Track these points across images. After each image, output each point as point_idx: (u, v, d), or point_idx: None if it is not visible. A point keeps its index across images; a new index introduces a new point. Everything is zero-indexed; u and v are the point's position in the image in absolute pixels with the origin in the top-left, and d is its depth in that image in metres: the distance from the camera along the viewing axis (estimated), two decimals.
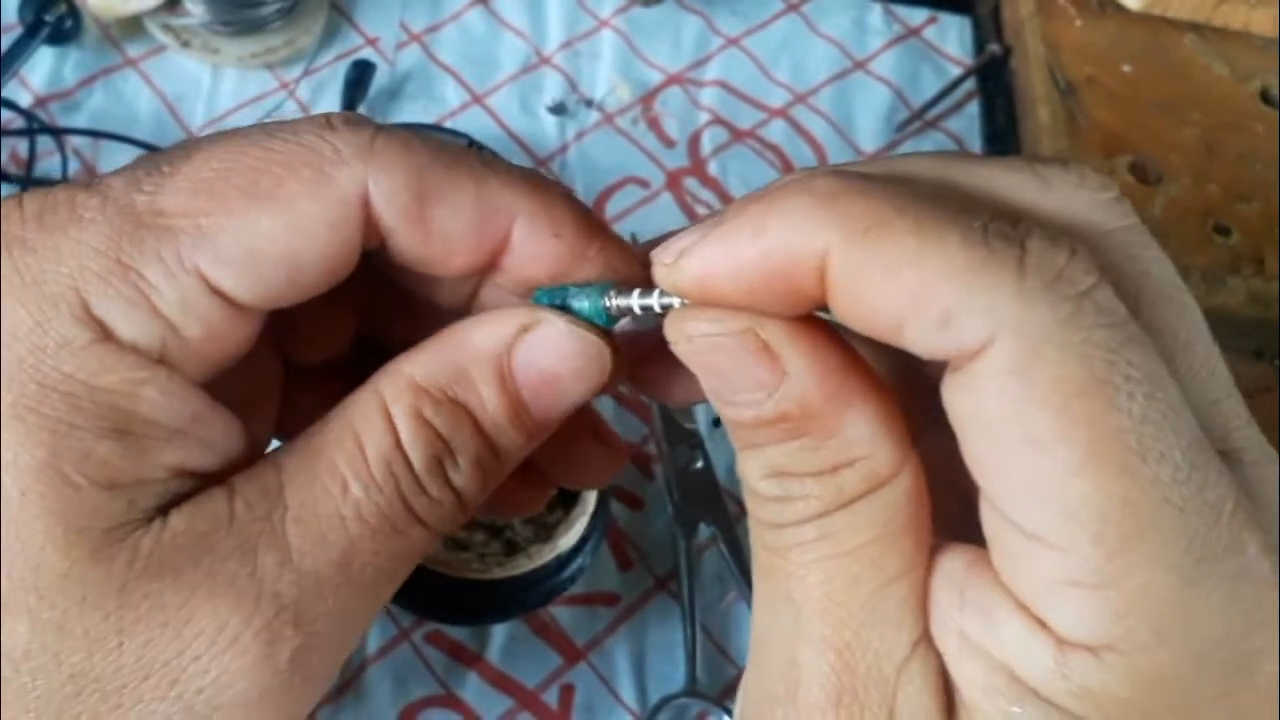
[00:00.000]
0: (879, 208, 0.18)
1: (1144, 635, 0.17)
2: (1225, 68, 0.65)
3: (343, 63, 0.60)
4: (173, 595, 0.21)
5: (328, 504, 0.22)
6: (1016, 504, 0.18)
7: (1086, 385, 0.17)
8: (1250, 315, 0.56)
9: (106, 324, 0.21)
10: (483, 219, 0.23)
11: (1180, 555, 0.17)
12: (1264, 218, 0.58)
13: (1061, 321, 0.17)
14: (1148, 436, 0.17)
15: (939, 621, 0.20)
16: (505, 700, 0.44)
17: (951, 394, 0.18)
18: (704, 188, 0.59)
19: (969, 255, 0.17)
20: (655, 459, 0.49)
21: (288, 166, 0.22)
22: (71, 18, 0.57)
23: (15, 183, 0.52)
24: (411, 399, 0.23)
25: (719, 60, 0.64)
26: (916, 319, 0.18)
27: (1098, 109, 0.61)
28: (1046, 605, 0.18)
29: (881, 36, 0.67)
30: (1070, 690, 0.18)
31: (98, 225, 0.21)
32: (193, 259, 0.21)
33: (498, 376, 0.24)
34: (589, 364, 0.24)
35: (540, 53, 0.63)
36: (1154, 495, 0.17)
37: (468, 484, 0.24)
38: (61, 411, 0.20)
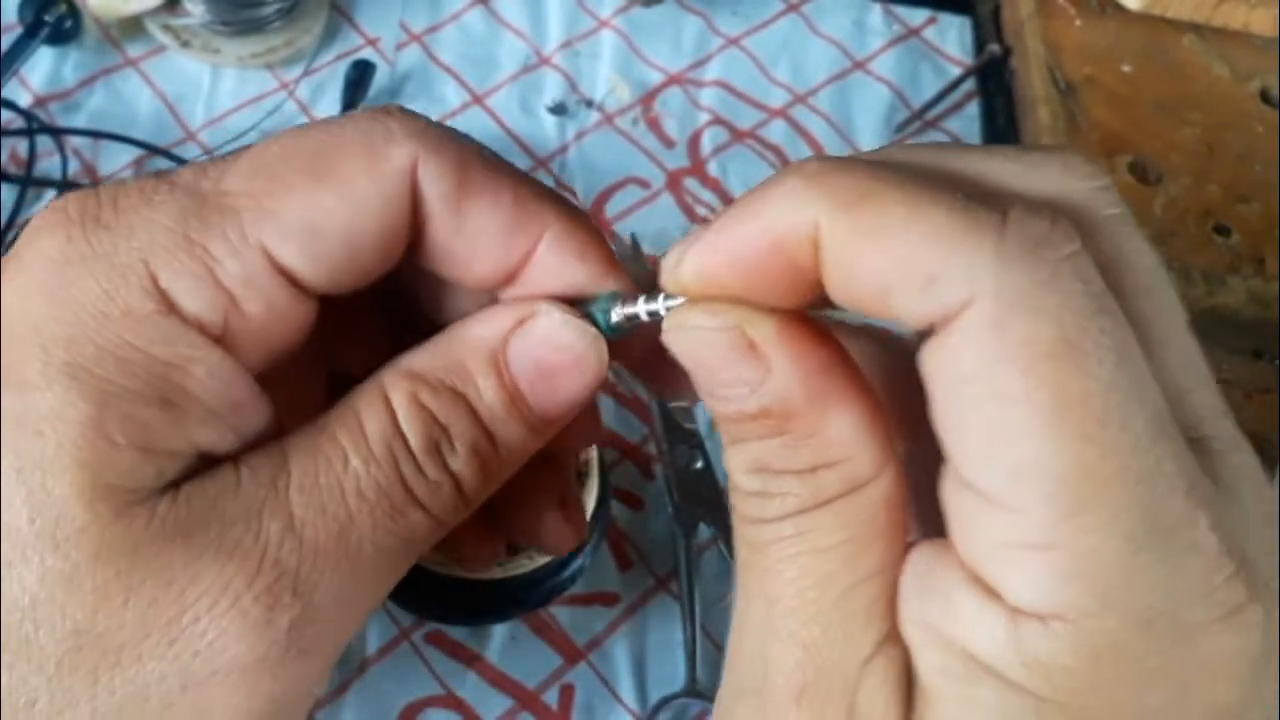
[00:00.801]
0: (865, 181, 0.19)
1: (1091, 601, 0.18)
2: (1225, 68, 0.65)
3: (343, 63, 0.60)
4: (181, 556, 0.21)
5: (328, 474, 0.23)
6: (976, 463, 0.18)
7: (1057, 347, 0.17)
8: (1250, 315, 0.56)
9: (172, 296, 0.22)
10: (516, 222, 0.24)
11: (1132, 523, 0.17)
12: (1264, 218, 0.58)
13: (1039, 284, 0.17)
14: (1112, 404, 0.17)
15: (905, 616, 0.20)
16: (505, 700, 0.44)
17: (928, 356, 0.19)
18: (704, 188, 0.59)
19: (951, 221, 0.18)
20: (655, 459, 0.50)
21: (344, 147, 0.23)
22: (71, 18, 0.57)
23: (15, 182, 0.53)
24: (408, 385, 0.24)
25: (719, 60, 0.64)
26: (902, 283, 0.18)
27: (1097, 109, 0.61)
28: (998, 570, 0.18)
29: (881, 37, 0.67)
30: (1022, 662, 0.18)
31: (167, 206, 0.22)
32: (256, 234, 0.22)
33: (493, 366, 0.24)
34: (585, 354, 0.24)
35: (540, 53, 0.63)
36: (1112, 462, 0.17)
37: (465, 470, 0.24)
38: (114, 374, 0.21)
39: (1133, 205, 0.21)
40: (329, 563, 0.22)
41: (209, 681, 0.21)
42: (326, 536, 0.22)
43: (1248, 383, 0.56)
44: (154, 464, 0.21)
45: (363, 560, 0.23)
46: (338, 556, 0.22)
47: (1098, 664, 0.18)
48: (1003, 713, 0.18)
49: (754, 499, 0.21)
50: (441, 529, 0.24)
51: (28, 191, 0.53)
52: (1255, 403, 0.55)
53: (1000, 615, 0.18)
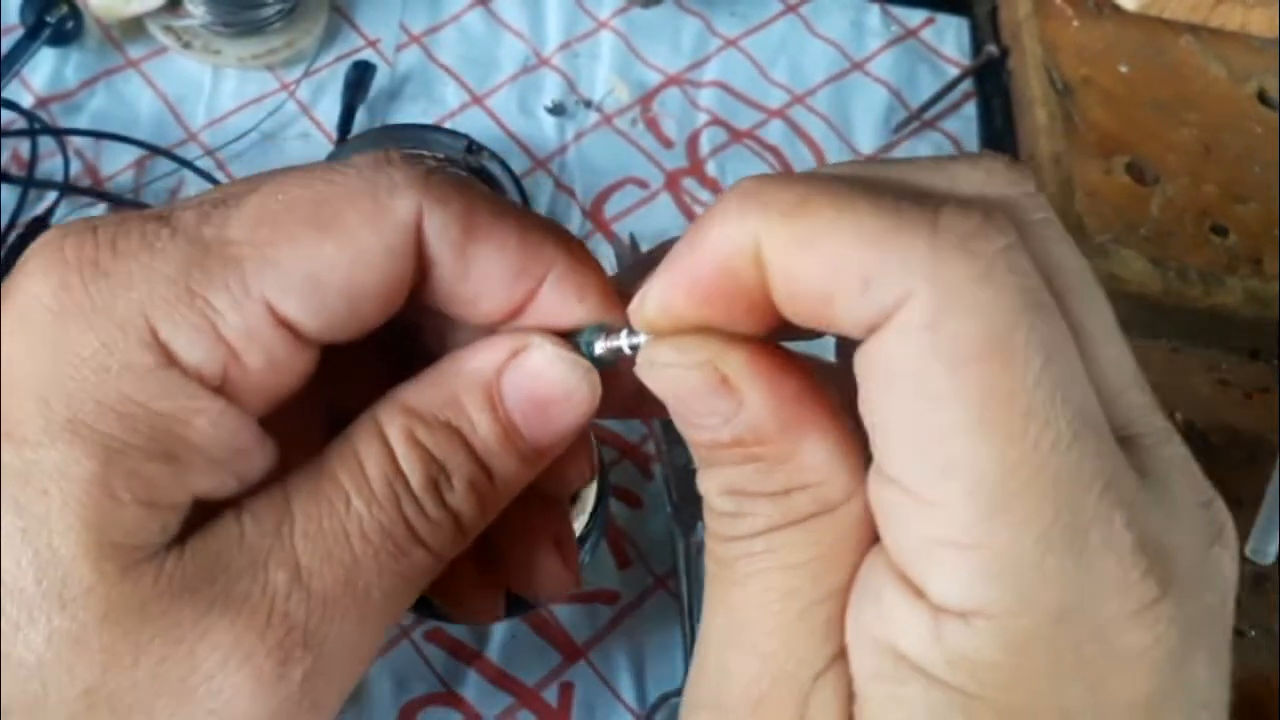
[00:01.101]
0: (799, 191, 0.19)
1: (1008, 598, 0.18)
2: (1222, 68, 0.65)
3: (343, 64, 0.60)
4: (190, 613, 0.21)
5: (332, 518, 0.23)
6: (901, 460, 0.19)
7: (986, 345, 0.17)
8: (1248, 315, 0.56)
9: (172, 349, 0.21)
10: (521, 265, 0.24)
11: (1047, 522, 0.18)
12: (1262, 218, 0.59)
13: (972, 279, 0.18)
14: (1037, 402, 0.18)
15: (848, 622, 0.20)
16: (505, 698, 0.44)
17: (860, 355, 0.19)
18: (703, 188, 0.59)
19: (884, 221, 0.18)
20: (654, 458, 0.50)
21: (348, 198, 0.23)
22: (73, 19, 0.58)
23: (17, 183, 0.53)
24: (404, 421, 0.24)
25: (717, 61, 0.65)
26: (840, 288, 0.18)
27: (1095, 109, 0.61)
28: (921, 567, 0.19)
29: (879, 37, 0.67)
30: (946, 658, 0.18)
31: (168, 254, 0.22)
32: (258, 287, 0.22)
33: (487, 400, 0.24)
34: (578, 387, 0.25)
35: (539, 54, 0.63)
36: (1032, 461, 0.17)
37: (464, 506, 0.24)
38: (117, 430, 0.21)
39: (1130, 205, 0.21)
40: (337, 611, 0.22)
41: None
42: (334, 584, 0.22)
43: (1246, 382, 0.56)
44: (159, 519, 0.21)
45: (370, 605, 0.23)
46: (345, 604, 0.22)
47: (1017, 659, 0.18)
48: (929, 710, 0.19)
49: (726, 518, 0.21)
50: (441, 565, 0.24)
51: (29, 192, 0.53)
52: (1254, 402, 0.55)
53: (925, 613, 0.19)
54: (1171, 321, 0.56)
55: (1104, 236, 0.56)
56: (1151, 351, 0.56)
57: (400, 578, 0.23)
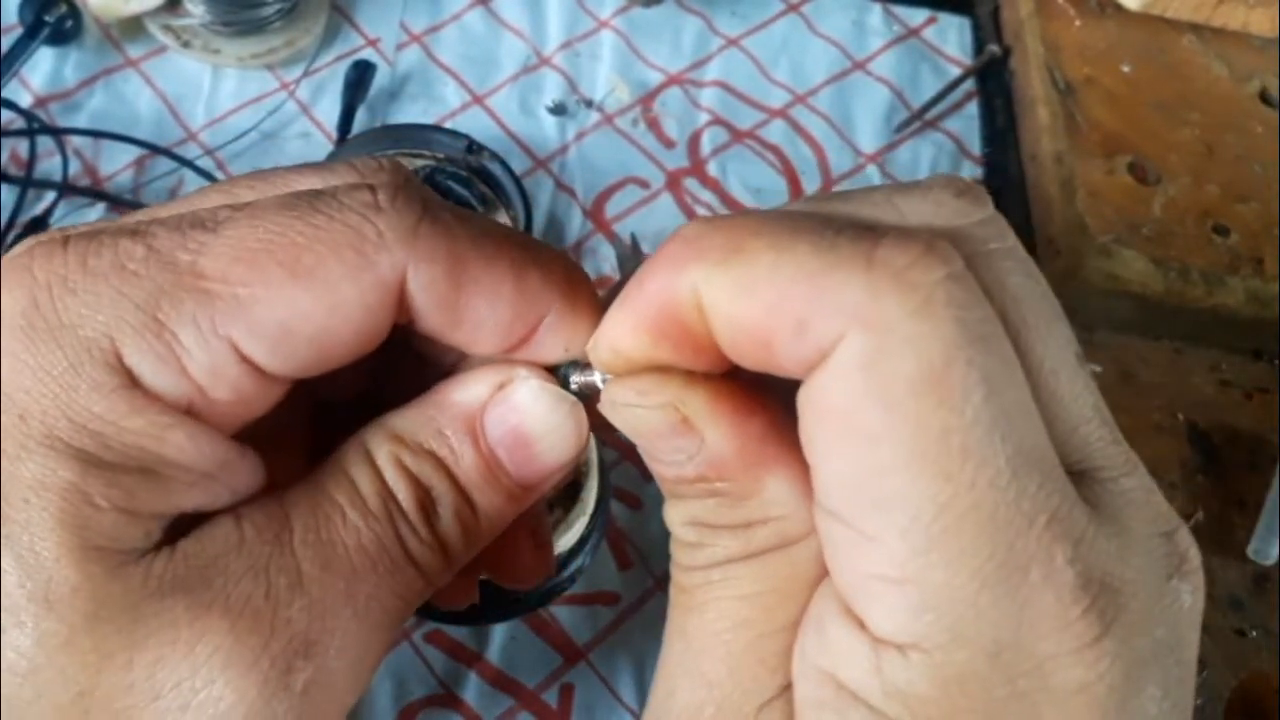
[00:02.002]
0: (736, 236, 0.19)
1: (941, 634, 0.18)
2: (1224, 68, 0.65)
3: (343, 63, 0.60)
4: (185, 612, 0.21)
5: (329, 529, 0.22)
6: (840, 496, 0.19)
7: (923, 381, 0.17)
8: (1249, 315, 0.56)
9: (136, 374, 0.21)
10: (515, 313, 0.23)
11: (981, 559, 0.17)
12: (1263, 218, 0.58)
13: (909, 313, 0.17)
14: (973, 440, 0.17)
15: (794, 656, 0.21)
16: (505, 700, 0.44)
17: (800, 396, 0.19)
18: (704, 188, 0.59)
19: (818, 260, 0.18)
20: None
21: (331, 246, 0.22)
22: (72, 18, 0.57)
23: (16, 183, 0.53)
24: (391, 447, 0.24)
25: (719, 61, 0.64)
26: (777, 332, 0.18)
27: (1097, 109, 0.61)
28: (861, 600, 0.19)
29: (881, 37, 0.67)
30: (883, 690, 0.18)
31: (139, 279, 0.21)
32: (227, 328, 0.21)
33: (470, 434, 0.24)
34: (562, 424, 0.24)
35: (540, 53, 0.63)
36: (966, 499, 0.17)
37: (450, 535, 0.24)
38: (91, 446, 0.21)
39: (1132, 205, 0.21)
40: (338, 623, 0.22)
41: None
42: (334, 594, 0.22)
43: (1247, 383, 0.56)
44: (140, 526, 0.21)
45: (368, 619, 0.23)
46: (346, 616, 0.22)
47: (950, 693, 0.18)
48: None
49: (688, 548, 0.22)
50: (429, 591, 0.24)
51: (28, 192, 0.53)
52: (1255, 402, 0.55)
53: (865, 645, 0.19)
54: (1173, 321, 0.56)
55: (1106, 236, 0.56)
56: (1153, 352, 0.56)
57: (396, 595, 0.23)
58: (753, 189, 0.60)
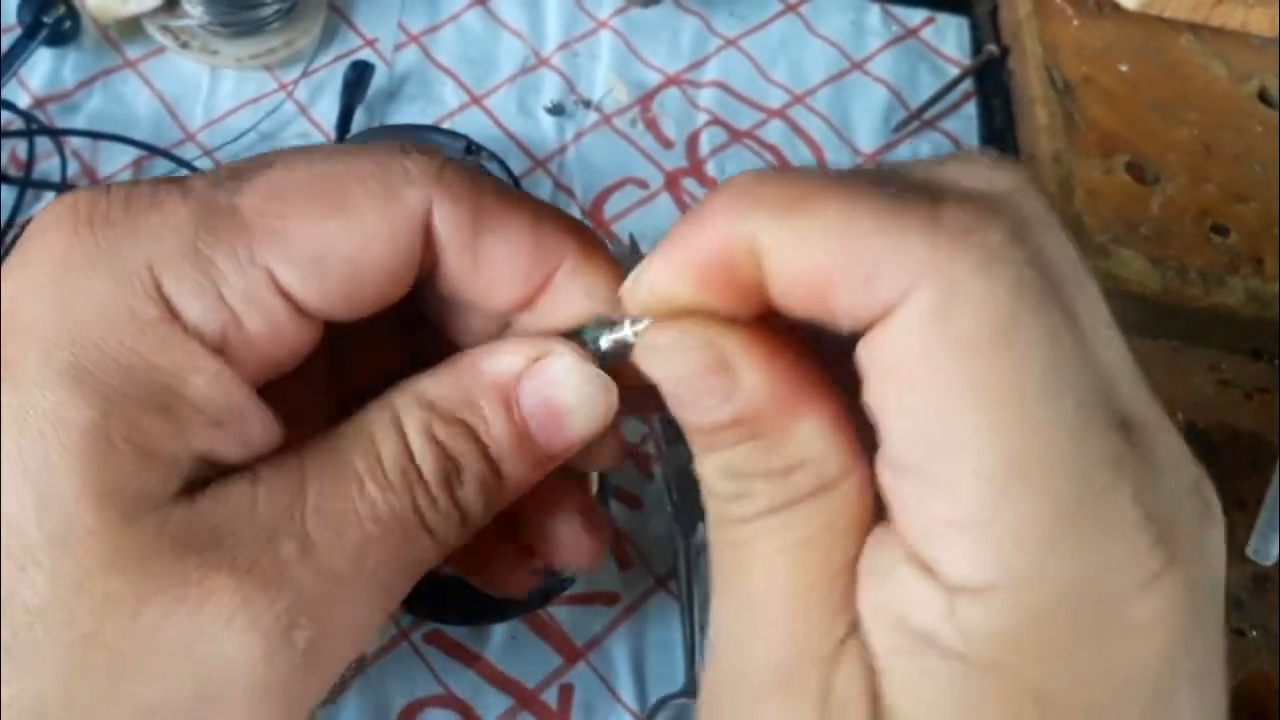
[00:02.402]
0: (799, 187, 0.20)
1: (1019, 574, 0.18)
2: (1223, 68, 0.65)
3: (341, 64, 0.60)
4: (195, 570, 0.21)
5: (345, 500, 0.23)
6: (912, 446, 0.19)
7: (992, 333, 0.18)
8: (1249, 315, 0.56)
9: (174, 304, 0.22)
10: (532, 257, 0.24)
11: (1058, 499, 0.18)
12: (1262, 218, 0.59)
13: (974, 270, 0.18)
14: (1041, 387, 0.18)
15: (860, 599, 0.21)
16: (505, 700, 0.44)
17: (866, 347, 0.19)
18: (703, 188, 0.59)
19: (885, 216, 0.19)
20: (654, 459, 0.50)
21: (359, 180, 0.23)
22: (70, 19, 0.57)
23: (14, 184, 0.53)
24: (422, 415, 0.24)
25: (717, 61, 0.64)
26: (843, 282, 0.19)
27: (1095, 109, 0.61)
28: (935, 548, 0.19)
29: (879, 37, 0.67)
30: (962, 634, 0.19)
31: (178, 214, 0.22)
32: (263, 256, 0.22)
33: (504, 404, 0.25)
34: (594, 398, 0.25)
35: (538, 54, 0.63)
36: (1040, 443, 0.18)
37: (471, 502, 0.24)
38: (116, 379, 0.21)
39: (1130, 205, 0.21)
40: (344, 587, 0.22)
41: (220, 701, 0.21)
42: (342, 561, 0.22)
43: (1247, 382, 0.56)
44: (157, 470, 0.21)
45: (375, 584, 0.23)
46: (353, 581, 0.23)
47: (1029, 633, 0.19)
48: (949, 682, 0.19)
49: (729, 501, 0.22)
50: (440, 559, 0.25)
51: (27, 193, 0.53)
52: (1255, 402, 0.55)
53: (939, 591, 0.19)
54: (1172, 321, 0.56)
55: (1104, 236, 0.56)
56: (1152, 351, 0.56)
57: (406, 562, 0.24)
58: None
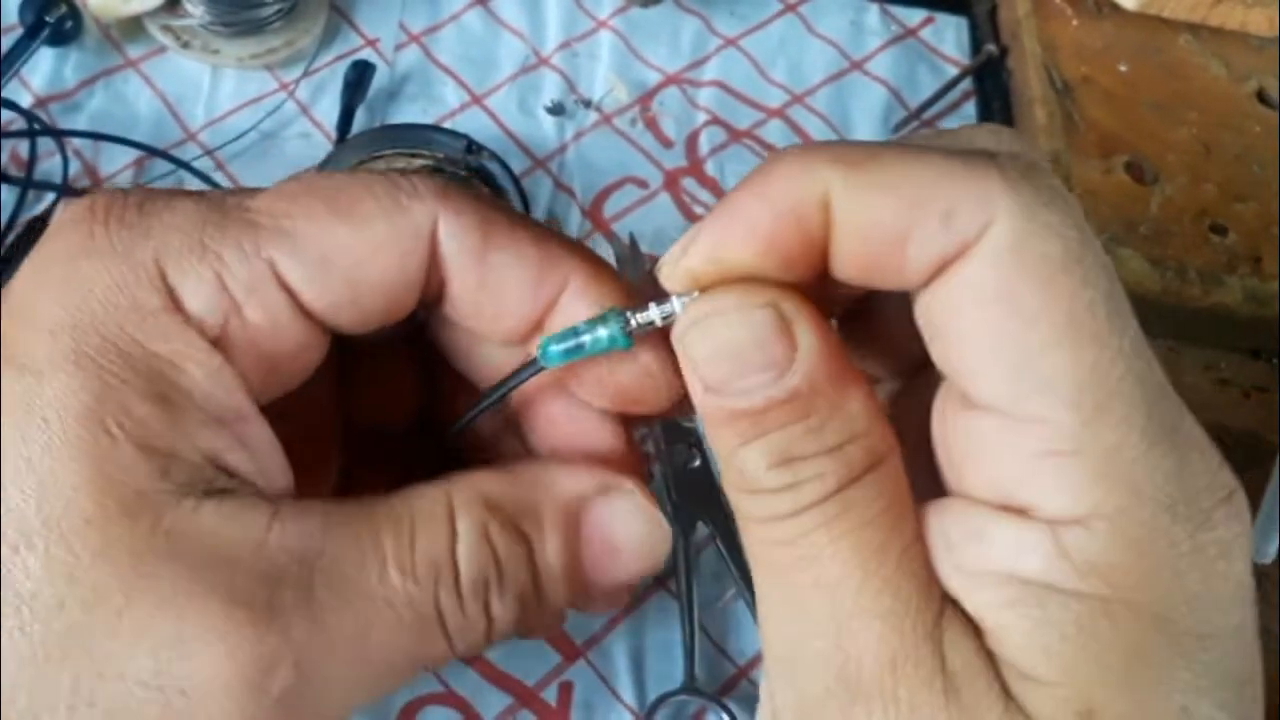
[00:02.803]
0: (865, 147, 0.20)
1: (1122, 496, 0.19)
2: (1222, 68, 0.65)
3: (342, 63, 0.60)
4: (185, 584, 0.21)
5: (360, 576, 0.22)
6: (998, 384, 0.19)
7: (1066, 262, 0.19)
8: (1247, 315, 0.56)
9: (177, 294, 0.22)
10: (539, 275, 0.24)
11: (1144, 420, 0.19)
12: (1261, 217, 0.59)
13: (1043, 205, 0.19)
14: (1114, 309, 0.19)
15: (944, 572, 0.21)
16: (504, 697, 0.44)
17: (938, 296, 0.20)
18: (702, 188, 0.59)
19: (952, 162, 0.19)
20: (653, 458, 0.50)
21: (369, 191, 0.24)
22: (72, 19, 0.58)
23: (16, 184, 0.53)
24: (481, 513, 0.23)
25: (717, 61, 0.64)
26: (921, 223, 0.19)
27: (1094, 109, 0.61)
28: (1030, 484, 0.19)
29: (878, 37, 0.67)
30: (1076, 569, 0.19)
31: (187, 213, 0.23)
32: (268, 250, 0.23)
33: (566, 524, 0.24)
34: (654, 545, 0.25)
35: (539, 53, 0.63)
36: (1120, 365, 0.19)
37: (505, 616, 0.24)
38: (115, 366, 0.21)
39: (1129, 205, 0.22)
40: (338, 652, 0.22)
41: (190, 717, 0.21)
42: (342, 631, 0.22)
43: (1246, 381, 0.56)
44: (155, 462, 0.21)
45: (371, 664, 0.22)
46: (349, 653, 0.22)
47: (1141, 555, 0.19)
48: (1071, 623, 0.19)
49: (781, 495, 0.21)
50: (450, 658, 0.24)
51: (28, 193, 0.53)
52: (1254, 401, 0.55)
53: (1041, 531, 0.19)
54: (1170, 321, 0.56)
55: (1103, 236, 0.56)
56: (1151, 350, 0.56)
57: (414, 656, 0.23)
58: None
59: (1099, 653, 0.19)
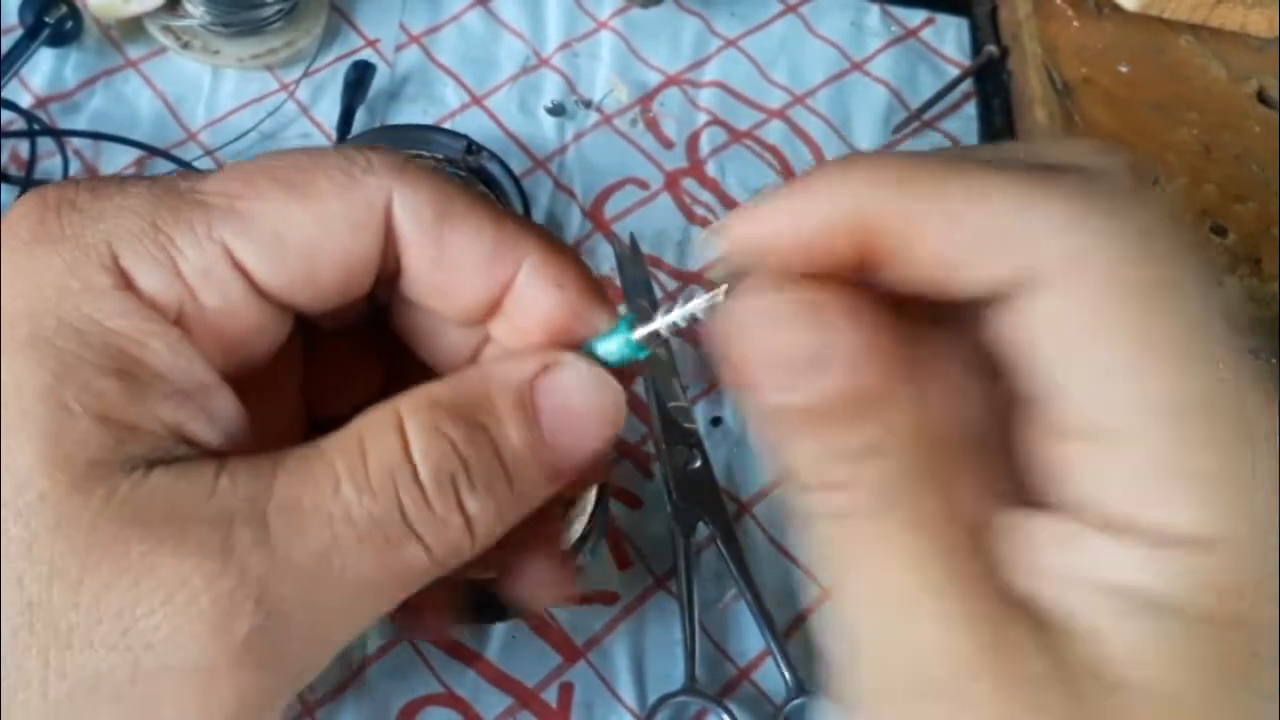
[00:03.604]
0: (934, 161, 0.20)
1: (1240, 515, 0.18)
2: (1222, 68, 0.65)
3: (342, 64, 0.60)
4: (139, 543, 0.21)
5: (315, 498, 0.22)
6: (1096, 407, 0.19)
7: (1161, 283, 0.18)
8: (1248, 316, 0.56)
9: (131, 276, 0.22)
10: (495, 252, 0.24)
11: (1247, 436, 0.18)
12: (1261, 218, 0.59)
13: (1132, 227, 0.19)
14: (1207, 329, 0.19)
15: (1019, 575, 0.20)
16: (505, 698, 0.44)
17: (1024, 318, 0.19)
18: (702, 189, 0.59)
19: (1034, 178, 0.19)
20: (654, 458, 0.50)
21: (322, 168, 0.24)
22: (72, 19, 0.58)
23: (15, 184, 0.53)
24: (430, 413, 0.23)
25: (717, 61, 0.64)
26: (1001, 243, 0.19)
27: (1095, 109, 0.61)
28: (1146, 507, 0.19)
29: (879, 37, 0.67)
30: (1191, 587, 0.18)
31: (140, 196, 0.23)
32: (220, 232, 0.23)
33: (520, 405, 0.24)
34: (610, 405, 0.24)
35: (539, 54, 0.63)
36: (1220, 386, 0.18)
37: (481, 509, 0.23)
38: (72, 345, 0.21)
39: None
40: (303, 581, 0.21)
41: (159, 677, 0.20)
42: (304, 555, 0.21)
43: None
44: (113, 435, 0.21)
45: (343, 587, 0.22)
46: (315, 577, 0.21)
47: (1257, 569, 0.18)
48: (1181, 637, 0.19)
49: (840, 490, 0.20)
50: (442, 569, 0.23)
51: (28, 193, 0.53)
52: None
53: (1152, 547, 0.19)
54: None
55: None
56: None
57: (388, 570, 0.22)
58: (751, 189, 0.60)
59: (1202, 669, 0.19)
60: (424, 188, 0.24)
